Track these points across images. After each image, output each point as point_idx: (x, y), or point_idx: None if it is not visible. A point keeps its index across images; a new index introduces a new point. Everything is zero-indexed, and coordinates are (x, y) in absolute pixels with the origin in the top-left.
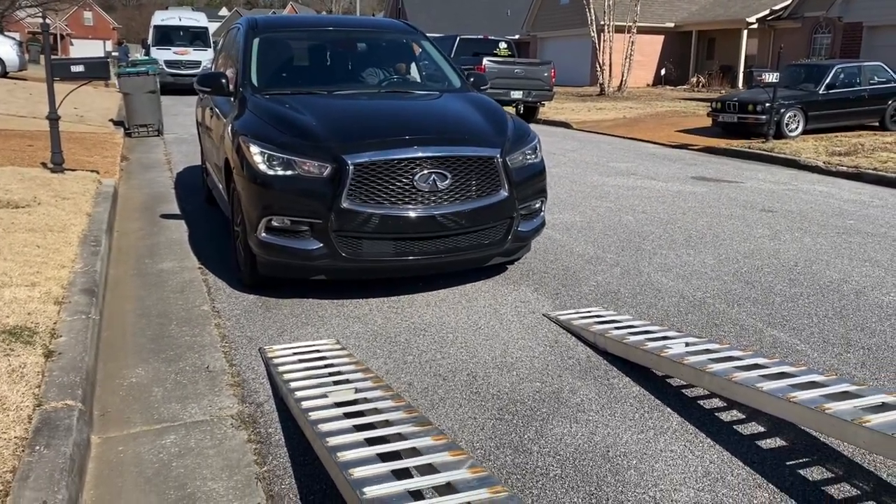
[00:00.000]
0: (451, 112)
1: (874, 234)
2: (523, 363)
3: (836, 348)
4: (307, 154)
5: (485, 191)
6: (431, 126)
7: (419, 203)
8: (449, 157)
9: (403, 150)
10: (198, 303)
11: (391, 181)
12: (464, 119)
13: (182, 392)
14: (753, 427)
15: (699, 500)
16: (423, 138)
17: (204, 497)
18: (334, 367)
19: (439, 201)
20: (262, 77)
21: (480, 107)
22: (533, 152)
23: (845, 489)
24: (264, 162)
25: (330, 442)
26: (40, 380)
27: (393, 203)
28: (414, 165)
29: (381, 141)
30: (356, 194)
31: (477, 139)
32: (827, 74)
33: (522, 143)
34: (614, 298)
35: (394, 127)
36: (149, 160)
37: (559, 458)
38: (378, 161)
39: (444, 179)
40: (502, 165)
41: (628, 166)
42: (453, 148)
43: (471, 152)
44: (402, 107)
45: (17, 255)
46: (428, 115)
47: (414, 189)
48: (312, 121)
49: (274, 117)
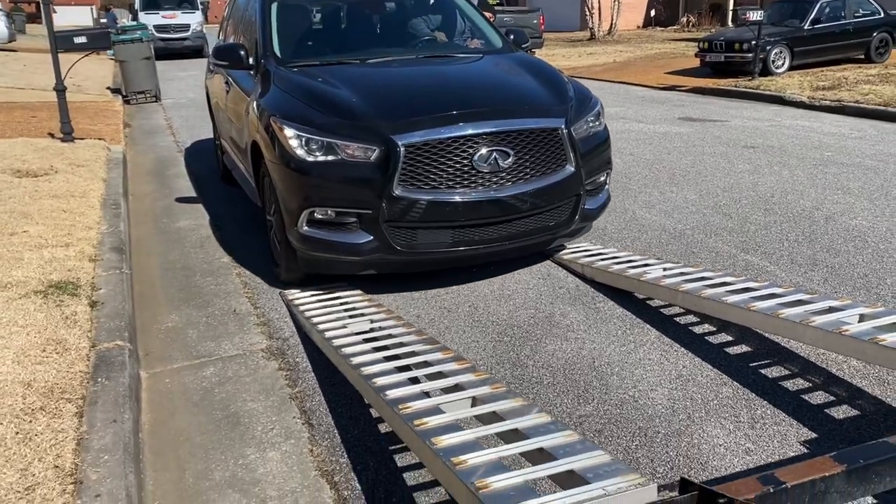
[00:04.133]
0: (504, 78)
1: (849, 165)
2: (519, 294)
3: (803, 268)
4: (351, 136)
5: (550, 167)
6: (486, 97)
7: (480, 185)
8: (511, 132)
9: (459, 126)
10: (217, 255)
11: (447, 163)
12: (520, 85)
13: (214, 332)
14: (723, 337)
15: (672, 396)
16: (479, 112)
17: (246, 414)
18: (349, 304)
19: (502, 182)
20: (286, 47)
21: (533, 70)
22: (596, 119)
23: (799, 383)
24: (302, 147)
25: (353, 360)
26: (90, 325)
27: (450, 187)
28: (472, 143)
29: (434, 118)
30: (409, 179)
31: (538, 109)
32: (812, 9)
33: (585, 109)
34: (601, 235)
35: (444, 99)
36: (150, 126)
37: (551, 369)
38: (432, 141)
39: (507, 157)
40: (567, 137)
41: (617, 111)
42: (514, 121)
43: (534, 124)
44: (448, 74)
45: (47, 220)
46: (480, 84)
47: (473, 170)
48: (351, 96)
49: (306, 93)
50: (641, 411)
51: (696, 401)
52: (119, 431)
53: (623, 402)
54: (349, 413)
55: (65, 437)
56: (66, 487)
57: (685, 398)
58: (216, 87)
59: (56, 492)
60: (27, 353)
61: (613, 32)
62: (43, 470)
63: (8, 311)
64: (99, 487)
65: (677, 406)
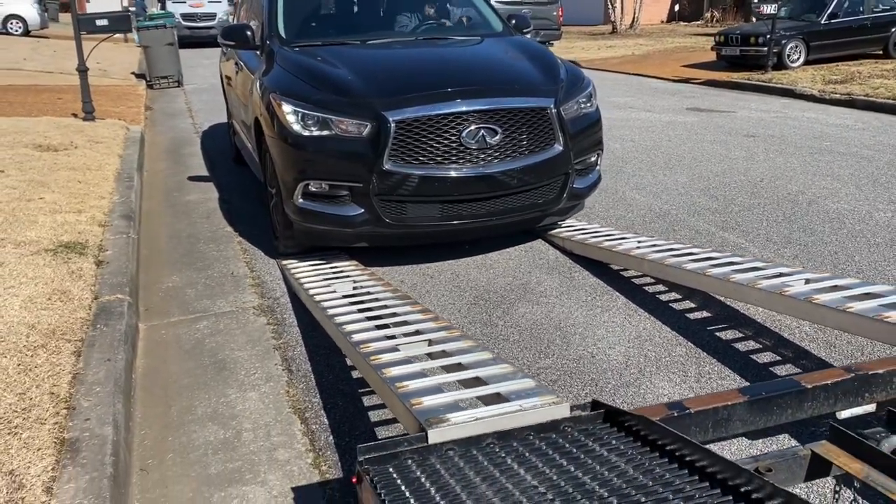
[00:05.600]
0: (497, 59)
1: (845, 154)
2: (500, 264)
3: (776, 245)
4: (345, 112)
5: (538, 145)
6: (477, 76)
7: (468, 162)
8: (498, 110)
9: (449, 103)
10: (221, 226)
11: (436, 139)
12: (511, 66)
13: (211, 292)
14: (686, 304)
15: (628, 354)
16: (469, 90)
17: (232, 361)
18: (338, 268)
19: (489, 159)
20: (291, 28)
21: (527, 51)
22: (588, 100)
23: (751, 345)
24: (298, 122)
25: (329, 311)
26: (94, 280)
27: (439, 163)
28: (461, 121)
29: (424, 95)
30: (399, 154)
31: (527, 88)
32: (829, 4)
33: (577, 90)
34: (589, 213)
35: (437, 79)
36: (171, 109)
37: (519, 328)
38: (422, 117)
39: (494, 135)
40: (556, 116)
41: (627, 101)
42: (502, 100)
43: (522, 103)
44: (444, 55)
45: (62, 189)
46: (472, 64)
47: (461, 146)
48: (348, 75)
49: (306, 72)
50: (597, 366)
51: (650, 358)
52: (112, 369)
53: (580, 358)
54: (326, 361)
55: (61, 370)
56: (59, 410)
57: (640, 355)
58: (228, 70)
59: (49, 413)
60: (34, 301)
61: (636, 26)
62: (39, 395)
63: (19, 266)
64: (89, 413)
65: (631, 362)
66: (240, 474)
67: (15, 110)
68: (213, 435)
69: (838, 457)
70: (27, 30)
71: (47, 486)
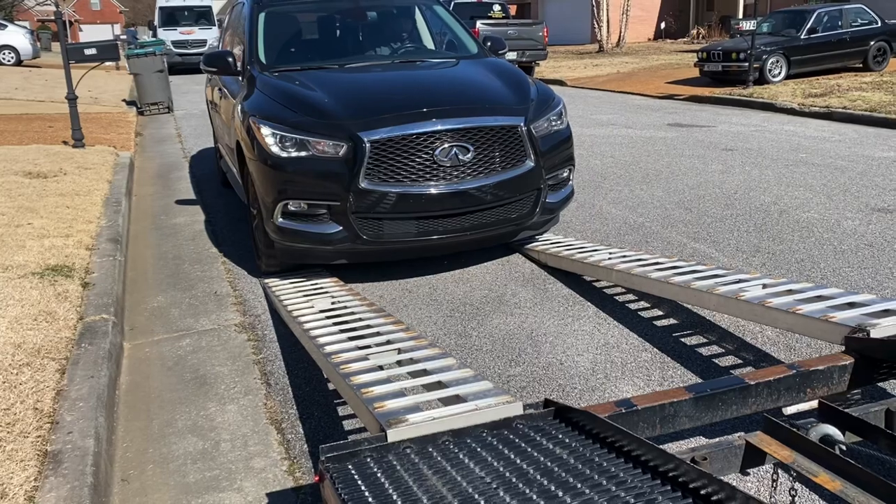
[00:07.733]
0: (470, 80)
1: (820, 165)
2: (477, 277)
3: (745, 254)
4: (321, 133)
5: (510, 162)
6: (449, 96)
7: (441, 179)
8: (470, 129)
9: (421, 123)
10: (206, 247)
11: (410, 157)
12: (483, 87)
13: (194, 311)
14: (654, 312)
15: (595, 360)
16: (441, 110)
17: (213, 376)
18: (318, 285)
19: (462, 176)
20: (270, 53)
21: (500, 72)
22: (558, 118)
23: (713, 349)
24: (276, 143)
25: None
26: (80, 301)
27: (413, 180)
28: (434, 139)
29: (398, 115)
30: (374, 173)
31: (498, 107)
32: (808, 19)
33: (547, 108)
34: (566, 226)
35: (410, 99)
36: (160, 135)
37: (492, 338)
38: (395, 137)
39: (467, 152)
40: (527, 134)
41: (610, 118)
42: (474, 119)
43: (493, 122)
44: (418, 77)
45: (51, 214)
46: (445, 85)
47: (435, 164)
48: (324, 97)
49: (284, 95)
50: (564, 372)
51: (616, 364)
52: (95, 385)
53: (549, 365)
54: (304, 375)
55: (46, 386)
56: (43, 424)
57: (606, 361)
58: (213, 96)
59: (33, 427)
60: (20, 322)
61: (622, 45)
62: (23, 410)
63: (6, 288)
64: (72, 426)
65: (598, 368)
66: (217, 482)
67: (6, 139)
68: (192, 446)
69: (770, 445)
70: (19, 59)
71: (29, 496)
